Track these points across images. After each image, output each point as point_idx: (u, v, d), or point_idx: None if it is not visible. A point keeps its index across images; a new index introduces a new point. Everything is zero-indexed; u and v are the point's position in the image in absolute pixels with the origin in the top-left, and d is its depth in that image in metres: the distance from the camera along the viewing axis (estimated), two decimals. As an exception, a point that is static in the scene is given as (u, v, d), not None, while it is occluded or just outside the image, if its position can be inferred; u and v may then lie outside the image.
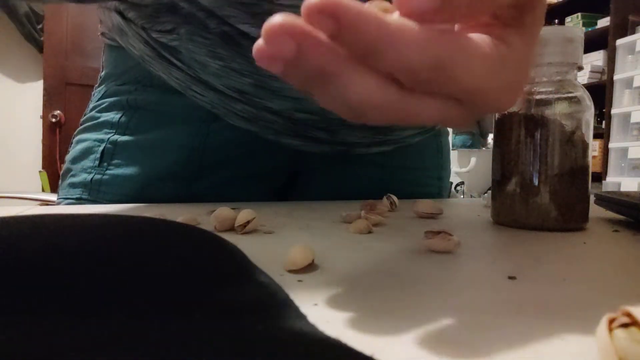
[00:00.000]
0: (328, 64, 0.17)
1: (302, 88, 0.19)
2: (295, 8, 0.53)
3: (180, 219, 0.32)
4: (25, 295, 0.16)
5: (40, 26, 2.80)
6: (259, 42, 0.17)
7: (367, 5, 0.17)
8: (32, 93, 2.87)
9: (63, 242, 0.19)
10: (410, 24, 0.17)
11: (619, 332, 0.12)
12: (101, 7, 0.55)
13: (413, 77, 0.18)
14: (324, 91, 0.19)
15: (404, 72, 0.18)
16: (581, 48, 0.34)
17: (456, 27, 0.21)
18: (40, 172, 2.72)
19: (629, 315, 0.12)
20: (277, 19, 0.16)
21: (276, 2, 0.44)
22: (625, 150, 2.76)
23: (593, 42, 2.97)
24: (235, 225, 0.31)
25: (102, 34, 0.56)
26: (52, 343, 0.13)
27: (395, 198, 0.45)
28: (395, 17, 0.17)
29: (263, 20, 0.18)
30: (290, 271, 0.22)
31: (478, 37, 0.20)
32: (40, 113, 2.76)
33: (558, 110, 0.33)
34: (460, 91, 0.19)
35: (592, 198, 0.36)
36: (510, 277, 0.21)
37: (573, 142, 0.33)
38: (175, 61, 0.50)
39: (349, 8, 0.16)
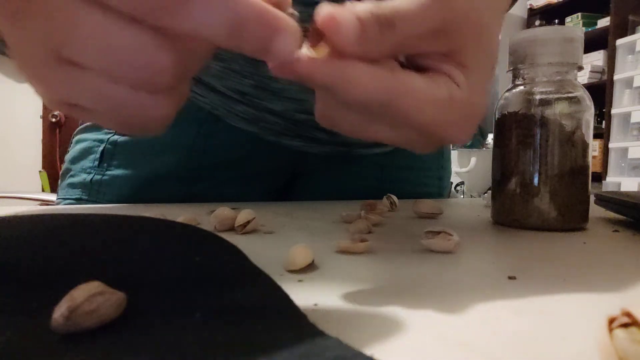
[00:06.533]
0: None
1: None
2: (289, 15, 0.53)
3: (180, 219, 0.32)
4: (25, 295, 0.16)
5: (40, 26, 2.80)
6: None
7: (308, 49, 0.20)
8: (32, 93, 2.86)
9: (63, 242, 0.19)
10: (360, 65, 0.20)
11: (619, 332, 0.12)
12: None
13: (366, 110, 0.22)
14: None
15: (357, 106, 0.21)
16: (581, 48, 0.34)
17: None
18: (40, 172, 2.72)
19: (629, 315, 0.12)
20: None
21: None
22: (625, 150, 2.76)
23: (593, 42, 2.97)
24: (235, 225, 0.31)
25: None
26: (51, 343, 0.13)
27: (395, 198, 0.45)
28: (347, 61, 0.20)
29: None
30: (290, 271, 0.22)
31: (428, 79, 0.22)
32: (40, 113, 2.76)
33: (558, 110, 0.33)
34: (412, 125, 0.22)
35: (592, 198, 0.36)
36: (510, 277, 0.21)
37: (573, 142, 0.33)
38: (175, 61, 0.50)
39: (305, 63, 0.19)
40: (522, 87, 0.35)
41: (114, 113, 0.21)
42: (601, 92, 2.83)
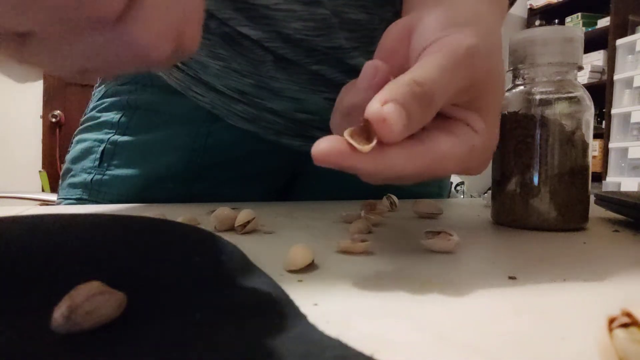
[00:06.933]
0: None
1: None
2: (290, 12, 0.54)
3: (180, 219, 0.32)
4: (25, 295, 0.16)
5: (40, 26, 2.79)
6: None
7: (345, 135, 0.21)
8: (32, 93, 2.86)
9: (63, 242, 0.19)
10: (398, 151, 0.22)
11: (619, 332, 0.12)
12: None
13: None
14: None
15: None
16: (581, 48, 0.34)
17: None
18: (40, 172, 2.72)
19: (629, 315, 0.12)
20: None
21: (272, 7, 0.44)
22: (625, 150, 2.76)
23: (593, 42, 2.97)
24: (235, 225, 0.31)
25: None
26: (51, 343, 0.13)
27: (395, 198, 0.45)
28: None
29: (262, 23, 0.20)
30: (290, 271, 0.22)
31: (452, 137, 0.24)
32: (40, 113, 2.76)
33: (558, 110, 0.33)
34: (438, 178, 0.25)
35: (592, 198, 0.36)
36: (510, 277, 0.21)
37: (573, 142, 0.33)
38: (175, 61, 0.50)
39: (352, 157, 0.20)
40: (522, 87, 0.35)
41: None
42: (601, 92, 2.83)
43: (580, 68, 0.34)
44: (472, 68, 0.24)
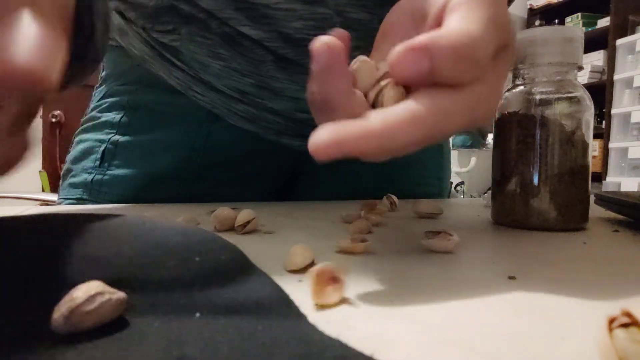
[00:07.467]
0: None
1: None
2: (291, 11, 0.53)
3: (180, 219, 0.32)
4: (25, 295, 0.16)
5: (40, 26, 2.79)
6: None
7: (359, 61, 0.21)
8: (32, 93, 2.86)
9: (63, 242, 0.19)
10: (398, 127, 0.20)
11: (619, 332, 0.12)
12: None
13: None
14: None
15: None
16: (581, 48, 0.34)
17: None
18: (40, 172, 2.71)
19: (629, 315, 0.12)
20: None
21: (273, 6, 0.44)
22: (625, 150, 2.76)
23: (593, 42, 2.97)
24: (235, 225, 0.31)
25: (102, 33, 0.56)
26: (51, 343, 0.13)
27: (395, 198, 0.45)
28: (390, 114, 0.20)
29: (262, 23, 0.19)
30: (290, 271, 0.22)
31: (452, 93, 0.22)
32: (40, 113, 2.76)
33: (558, 110, 0.33)
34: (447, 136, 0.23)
35: (592, 198, 0.36)
36: (510, 277, 0.21)
37: (573, 142, 0.33)
38: (175, 61, 0.50)
39: (351, 144, 0.19)
40: (522, 87, 0.35)
41: None
42: (601, 92, 2.83)
43: (580, 68, 0.34)
44: (499, 23, 0.23)
